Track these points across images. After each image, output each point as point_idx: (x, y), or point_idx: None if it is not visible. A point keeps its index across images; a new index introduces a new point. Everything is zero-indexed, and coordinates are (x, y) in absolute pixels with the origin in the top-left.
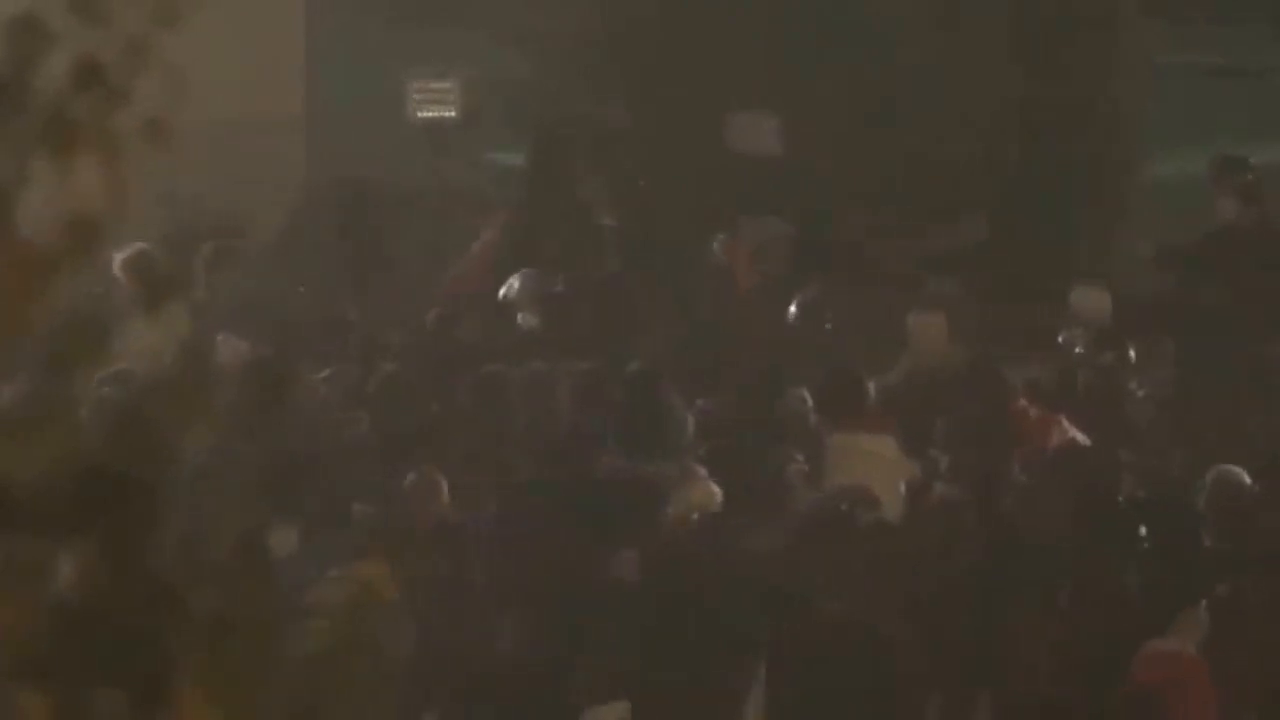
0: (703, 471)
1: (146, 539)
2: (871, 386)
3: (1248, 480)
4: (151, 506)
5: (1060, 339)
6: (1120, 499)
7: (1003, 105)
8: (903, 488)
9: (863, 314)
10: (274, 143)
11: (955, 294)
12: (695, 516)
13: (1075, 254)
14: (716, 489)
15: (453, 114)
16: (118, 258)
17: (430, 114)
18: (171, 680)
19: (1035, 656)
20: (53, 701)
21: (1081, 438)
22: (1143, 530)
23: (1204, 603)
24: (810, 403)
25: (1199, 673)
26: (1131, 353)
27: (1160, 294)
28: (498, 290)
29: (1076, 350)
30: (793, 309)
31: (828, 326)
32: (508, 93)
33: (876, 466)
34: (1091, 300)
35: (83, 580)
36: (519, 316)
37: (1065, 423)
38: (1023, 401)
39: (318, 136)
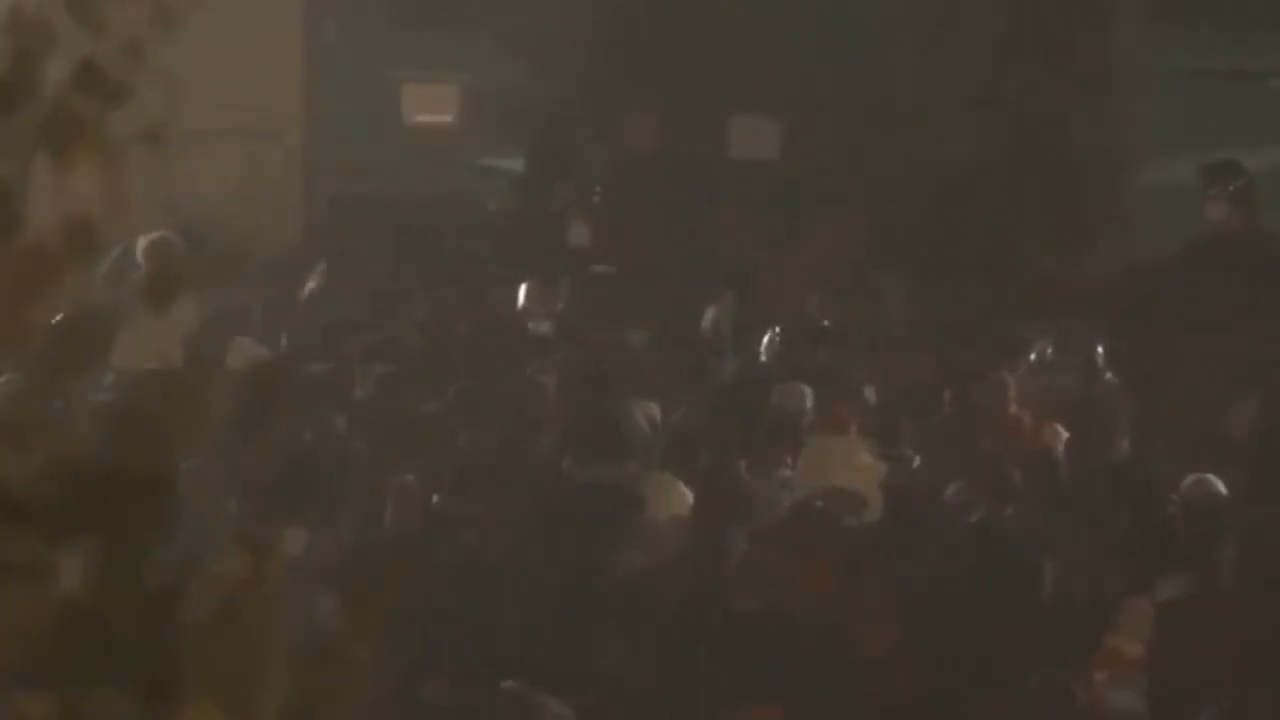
0: (669, 476)
1: (148, 540)
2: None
3: (1222, 489)
4: (153, 507)
5: (1034, 347)
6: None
7: (1001, 106)
8: (877, 488)
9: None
10: (271, 147)
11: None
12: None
13: (1072, 257)
14: (687, 492)
15: (450, 119)
16: (141, 243)
17: (427, 119)
18: (176, 682)
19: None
20: (56, 703)
21: (1073, 441)
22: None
23: (1150, 598)
24: (810, 402)
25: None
26: (1100, 351)
27: (1152, 296)
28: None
29: (1048, 352)
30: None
31: (826, 323)
32: (505, 97)
33: (851, 467)
34: None
35: (86, 581)
36: (529, 324)
37: (1059, 427)
38: (1014, 407)
39: (315, 141)
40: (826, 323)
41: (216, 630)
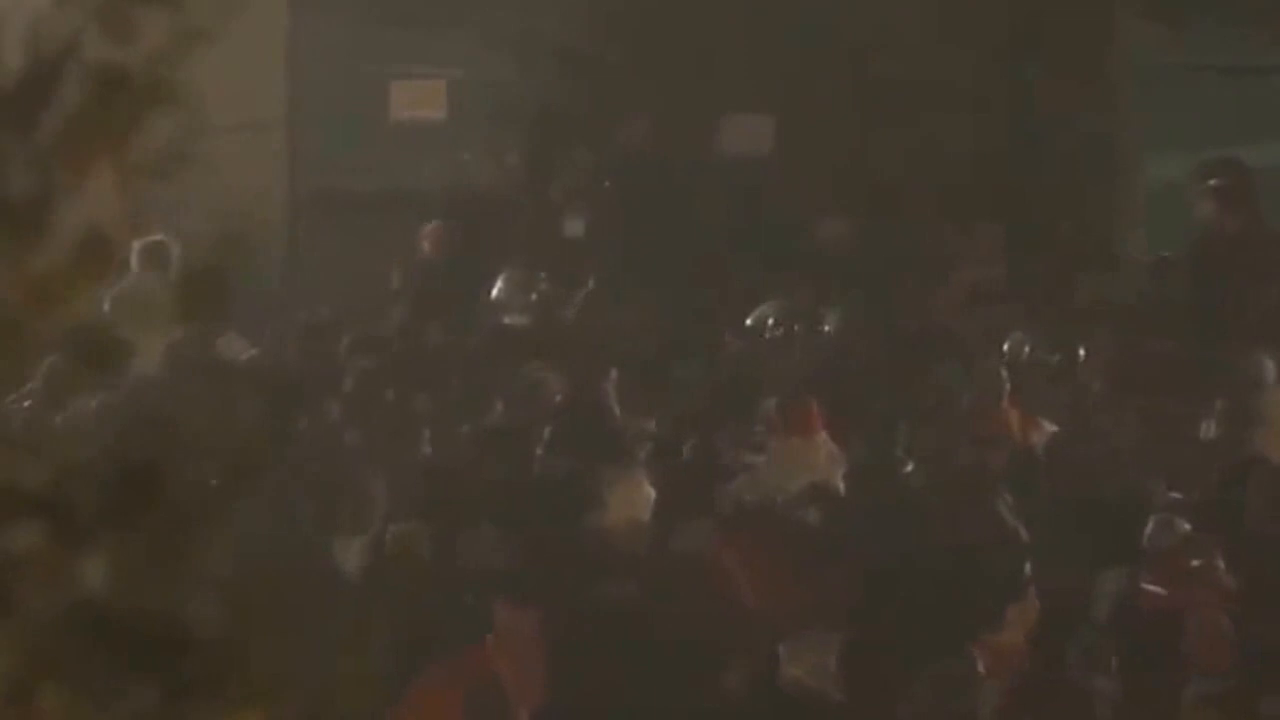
0: (638, 475)
1: (171, 540)
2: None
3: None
4: (176, 507)
5: (1006, 344)
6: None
7: (999, 105)
8: (840, 482)
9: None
10: (256, 145)
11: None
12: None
13: (1070, 256)
14: (649, 492)
15: (438, 115)
16: (135, 245)
17: (415, 115)
18: (200, 682)
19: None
20: (75, 698)
21: (1061, 439)
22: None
23: (1032, 590)
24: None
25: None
26: (1081, 352)
27: (1146, 295)
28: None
29: (1025, 350)
30: (769, 312)
31: (795, 328)
32: (493, 94)
33: (815, 469)
34: None
35: (108, 580)
36: (505, 318)
37: (1045, 424)
38: (1005, 404)
39: (300, 139)
40: (827, 328)
41: (243, 631)
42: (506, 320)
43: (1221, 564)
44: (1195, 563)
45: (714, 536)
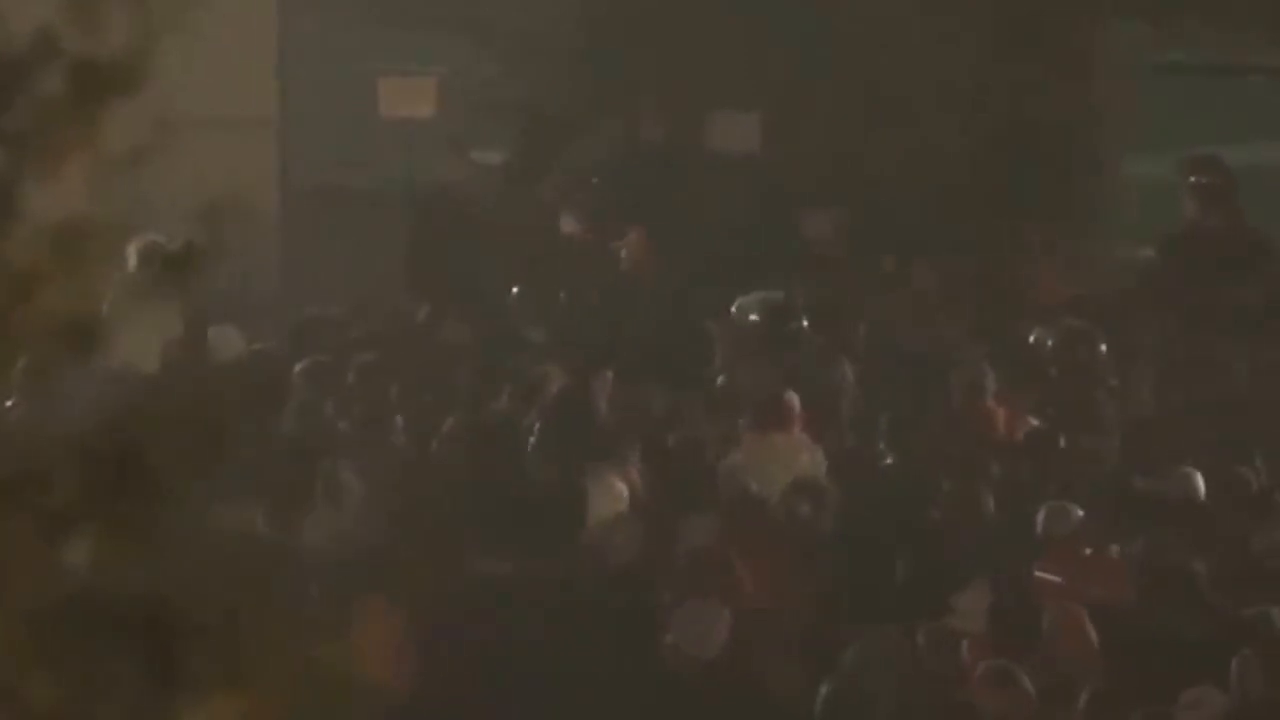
0: (609, 473)
1: (153, 526)
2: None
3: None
4: (159, 496)
5: (1032, 336)
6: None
7: (987, 103)
8: (824, 478)
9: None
10: (247, 143)
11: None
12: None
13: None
14: (623, 493)
15: (428, 112)
16: (132, 248)
17: (404, 113)
18: (184, 663)
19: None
20: (61, 682)
21: (1047, 434)
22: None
23: (989, 578)
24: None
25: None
26: (1103, 348)
27: (1131, 292)
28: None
29: (1049, 343)
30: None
31: (792, 325)
32: (482, 92)
33: (790, 466)
34: None
35: (94, 563)
36: (524, 330)
37: (1031, 420)
38: (991, 402)
39: (291, 136)
40: (805, 323)
41: (223, 617)
42: (524, 331)
43: (1116, 550)
44: (1088, 550)
45: (711, 531)
